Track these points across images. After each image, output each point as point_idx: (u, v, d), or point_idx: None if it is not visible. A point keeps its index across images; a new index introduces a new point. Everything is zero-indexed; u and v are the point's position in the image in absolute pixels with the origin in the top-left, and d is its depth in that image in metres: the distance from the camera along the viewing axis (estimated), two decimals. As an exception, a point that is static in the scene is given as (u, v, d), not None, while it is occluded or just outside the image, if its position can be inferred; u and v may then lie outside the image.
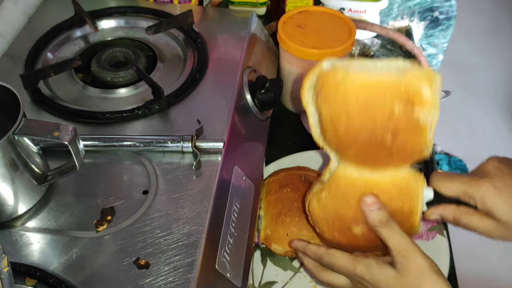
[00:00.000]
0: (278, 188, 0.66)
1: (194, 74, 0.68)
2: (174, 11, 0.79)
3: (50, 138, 0.48)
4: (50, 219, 0.53)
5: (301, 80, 0.54)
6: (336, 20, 0.80)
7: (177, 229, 0.51)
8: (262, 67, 0.77)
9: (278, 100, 0.72)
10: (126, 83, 0.69)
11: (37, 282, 0.47)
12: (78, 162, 0.50)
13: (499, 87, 2.33)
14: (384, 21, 1.05)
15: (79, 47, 0.74)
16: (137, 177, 0.57)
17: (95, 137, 0.59)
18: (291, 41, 0.76)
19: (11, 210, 0.53)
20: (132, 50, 0.72)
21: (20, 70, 0.68)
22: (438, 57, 1.15)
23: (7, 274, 0.38)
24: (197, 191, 0.55)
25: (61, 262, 0.49)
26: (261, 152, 0.71)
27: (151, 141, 0.59)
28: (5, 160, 0.49)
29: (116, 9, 0.78)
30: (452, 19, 1.06)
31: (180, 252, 0.50)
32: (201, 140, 0.58)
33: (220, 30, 0.77)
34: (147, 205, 0.54)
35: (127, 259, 0.49)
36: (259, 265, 0.65)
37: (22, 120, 0.48)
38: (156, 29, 0.72)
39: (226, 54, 0.73)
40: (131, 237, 0.51)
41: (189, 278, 0.47)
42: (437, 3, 1.03)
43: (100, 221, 0.53)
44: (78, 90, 0.67)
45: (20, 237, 0.52)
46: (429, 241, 0.68)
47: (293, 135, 0.84)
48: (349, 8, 0.94)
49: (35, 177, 0.53)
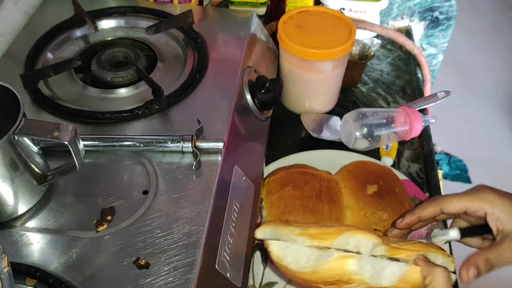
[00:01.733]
0: (279, 187, 0.66)
1: (194, 74, 0.68)
2: (174, 11, 0.79)
3: (50, 138, 0.48)
4: (50, 219, 0.53)
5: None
6: (336, 20, 0.80)
7: (177, 229, 0.51)
8: (262, 67, 0.78)
9: (278, 100, 0.72)
10: (126, 83, 0.69)
11: (37, 282, 0.47)
12: (78, 162, 0.50)
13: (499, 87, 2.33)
14: (384, 21, 1.05)
15: (79, 47, 0.74)
16: (137, 177, 0.57)
17: (95, 137, 0.59)
18: (291, 41, 0.76)
19: (11, 210, 0.53)
20: (132, 50, 0.72)
21: (20, 70, 0.68)
22: (438, 57, 1.15)
23: (7, 274, 0.38)
24: (197, 191, 0.55)
25: (61, 262, 0.49)
26: (261, 152, 0.71)
27: (151, 141, 0.59)
28: (5, 160, 0.49)
29: (116, 9, 0.78)
30: (452, 19, 1.06)
31: (180, 252, 0.50)
32: (201, 140, 0.58)
33: (220, 30, 0.77)
34: (147, 205, 0.54)
35: (127, 259, 0.49)
36: (259, 266, 0.65)
37: (22, 120, 0.48)
38: (156, 29, 0.72)
39: (226, 54, 0.73)
40: (131, 237, 0.51)
41: (189, 278, 0.47)
42: (437, 3, 1.03)
43: (100, 221, 0.53)
44: (78, 90, 0.67)
45: (20, 237, 0.52)
46: (429, 240, 0.68)
47: (293, 135, 0.84)
48: (349, 8, 0.94)
49: (35, 177, 0.53)
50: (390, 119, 0.75)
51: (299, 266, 0.55)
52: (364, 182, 0.68)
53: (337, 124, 0.82)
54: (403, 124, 0.75)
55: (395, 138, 0.76)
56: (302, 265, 0.55)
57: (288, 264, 0.55)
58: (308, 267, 0.54)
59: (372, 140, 0.74)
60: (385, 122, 0.74)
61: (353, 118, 0.75)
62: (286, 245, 0.56)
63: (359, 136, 0.74)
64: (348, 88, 0.91)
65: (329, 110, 0.87)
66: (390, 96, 0.91)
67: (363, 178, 0.68)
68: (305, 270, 0.55)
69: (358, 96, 0.91)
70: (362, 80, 0.93)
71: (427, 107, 0.87)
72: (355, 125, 0.74)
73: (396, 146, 0.81)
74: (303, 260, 0.55)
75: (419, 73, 0.95)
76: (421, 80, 0.95)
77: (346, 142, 0.77)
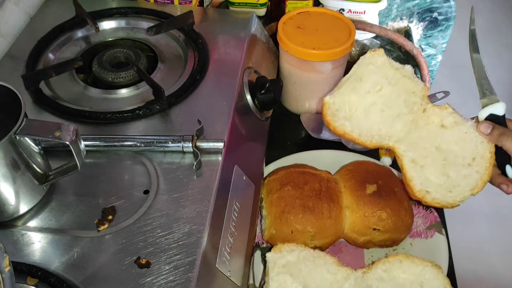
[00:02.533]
0: (279, 186, 0.67)
1: (195, 74, 0.68)
2: (175, 12, 0.79)
3: (51, 138, 0.48)
4: (52, 219, 0.53)
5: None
6: (336, 21, 0.80)
7: (177, 229, 0.52)
8: (262, 67, 0.78)
9: (278, 101, 0.73)
10: (127, 84, 0.69)
11: (38, 281, 0.48)
12: (79, 162, 0.51)
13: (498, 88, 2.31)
14: (383, 22, 1.06)
15: (80, 47, 0.74)
16: (138, 177, 0.57)
17: (96, 137, 0.59)
18: (291, 42, 0.76)
19: (13, 210, 0.53)
20: (133, 51, 0.72)
21: (22, 70, 0.68)
22: (437, 57, 1.15)
23: (9, 274, 0.39)
24: (197, 190, 0.55)
25: (62, 262, 0.50)
26: (261, 152, 0.71)
27: (152, 141, 0.59)
28: (6, 160, 0.49)
29: (117, 10, 0.79)
30: (451, 20, 1.06)
31: (181, 251, 0.50)
32: (202, 140, 0.58)
33: (221, 31, 0.78)
34: (148, 204, 0.54)
35: (128, 258, 0.50)
36: (259, 265, 0.65)
37: (23, 120, 0.48)
38: (157, 29, 0.72)
39: (227, 55, 0.73)
40: (132, 237, 0.51)
41: (190, 277, 0.48)
42: (436, 4, 1.03)
43: (101, 221, 0.53)
44: (79, 91, 0.68)
45: (22, 237, 0.52)
46: (428, 239, 0.68)
47: (293, 135, 0.84)
48: (348, 9, 0.95)
49: (37, 177, 0.53)
50: (390, 119, 0.75)
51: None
52: (364, 181, 0.68)
53: (336, 124, 0.82)
54: (403, 124, 0.75)
55: (394, 138, 0.77)
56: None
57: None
58: None
59: (372, 140, 0.74)
60: (385, 122, 0.75)
61: (352, 118, 0.75)
62: None
63: (359, 136, 0.74)
64: (348, 89, 0.92)
65: (328, 111, 0.87)
66: (390, 97, 0.92)
67: (363, 178, 0.68)
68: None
69: (357, 97, 0.91)
70: (362, 80, 0.94)
71: (426, 108, 0.87)
72: (355, 125, 0.74)
73: (395, 146, 0.81)
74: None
75: (418, 74, 0.96)
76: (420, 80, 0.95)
77: (345, 142, 0.78)
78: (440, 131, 0.63)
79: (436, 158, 0.62)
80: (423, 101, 0.63)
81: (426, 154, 0.62)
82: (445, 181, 0.61)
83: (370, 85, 0.62)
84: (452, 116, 0.63)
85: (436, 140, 0.62)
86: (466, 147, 0.62)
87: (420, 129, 0.63)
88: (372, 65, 0.62)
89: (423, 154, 0.62)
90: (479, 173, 0.61)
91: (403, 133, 0.62)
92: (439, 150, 0.62)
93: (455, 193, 0.61)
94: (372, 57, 0.63)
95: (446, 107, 0.63)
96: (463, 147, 0.62)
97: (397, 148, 0.62)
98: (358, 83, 0.62)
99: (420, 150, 0.62)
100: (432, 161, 0.62)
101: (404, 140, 0.62)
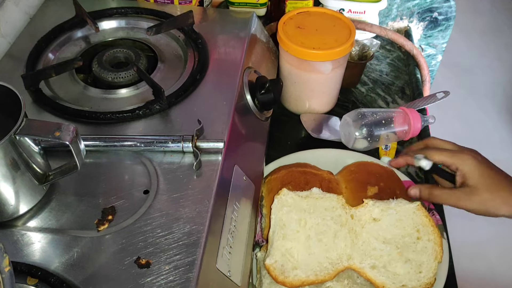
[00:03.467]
0: (280, 186, 0.67)
1: (195, 74, 0.68)
2: (175, 11, 0.79)
3: (51, 138, 0.48)
4: (51, 219, 0.53)
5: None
6: (336, 20, 0.80)
7: (177, 229, 0.52)
8: (262, 67, 0.78)
9: (278, 101, 0.73)
10: (127, 84, 0.69)
11: (38, 281, 0.47)
12: (79, 162, 0.51)
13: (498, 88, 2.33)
14: (383, 22, 1.06)
15: (80, 47, 0.74)
16: (138, 177, 0.57)
17: (96, 137, 0.59)
18: (291, 42, 0.76)
19: (13, 210, 0.53)
20: (133, 51, 0.72)
21: (21, 70, 0.68)
22: (437, 57, 1.15)
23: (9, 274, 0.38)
24: (197, 190, 0.55)
25: (62, 262, 0.50)
26: (261, 152, 0.71)
27: (152, 141, 0.59)
28: (6, 160, 0.49)
29: (117, 9, 0.79)
30: (451, 20, 1.06)
31: (181, 251, 0.50)
32: (202, 140, 0.58)
33: (221, 31, 0.78)
34: (148, 204, 0.54)
35: (128, 259, 0.49)
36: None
37: (23, 120, 0.48)
38: (156, 29, 0.72)
39: (227, 55, 0.73)
40: (132, 237, 0.51)
41: (190, 277, 0.48)
42: (436, 4, 1.03)
43: (101, 221, 0.53)
44: (79, 91, 0.68)
45: (22, 237, 0.52)
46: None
47: (293, 135, 0.84)
48: (348, 9, 0.95)
49: (36, 177, 0.53)
50: (390, 119, 0.75)
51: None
52: (365, 183, 0.68)
53: (336, 124, 0.82)
54: (402, 124, 0.75)
55: (394, 138, 0.77)
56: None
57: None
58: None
59: (372, 140, 0.75)
60: (385, 122, 0.75)
61: (352, 118, 0.75)
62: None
63: (359, 136, 0.74)
64: (348, 89, 0.92)
65: (328, 110, 0.87)
66: (390, 97, 0.92)
67: (364, 179, 0.69)
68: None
69: (357, 97, 0.91)
70: (362, 80, 0.94)
71: (426, 108, 0.88)
72: (355, 125, 0.74)
73: (395, 146, 0.81)
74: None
75: (418, 74, 0.96)
76: (420, 80, 0.95)
77: (345, 142, 0.78)
78: (376, 225, 0.63)
79: (391, 251, 0.62)
80: (345, 209, 0.64)
81: (379, 253, 0.62)
82: (410, 267, 0.61)
83: (295, 225, 0.62)
84: (375, 206, 0.64)
85: (378, 235, 0.63)
86: (405, 224, 0.63)
87: (360, 235, 0.63)
88: (286, 207, 0.63)
89: (377, 255, 0.62)
90: (430, 240, 0.62)
91: (348, 248, 0.61)
92: (386, 242, 0.62)
93: (424, 271, 0.61)
94: (280, 201, 0.63)
95: (366, 202, 0.64)
96: (402, 227, 0.63)
97: (353, 265, 0.61)
98: (285, 230, 0.62)
99: (372, 253, 0.62)
100: (388, 256, 0.62)
101: (354, 253, 0.62)
